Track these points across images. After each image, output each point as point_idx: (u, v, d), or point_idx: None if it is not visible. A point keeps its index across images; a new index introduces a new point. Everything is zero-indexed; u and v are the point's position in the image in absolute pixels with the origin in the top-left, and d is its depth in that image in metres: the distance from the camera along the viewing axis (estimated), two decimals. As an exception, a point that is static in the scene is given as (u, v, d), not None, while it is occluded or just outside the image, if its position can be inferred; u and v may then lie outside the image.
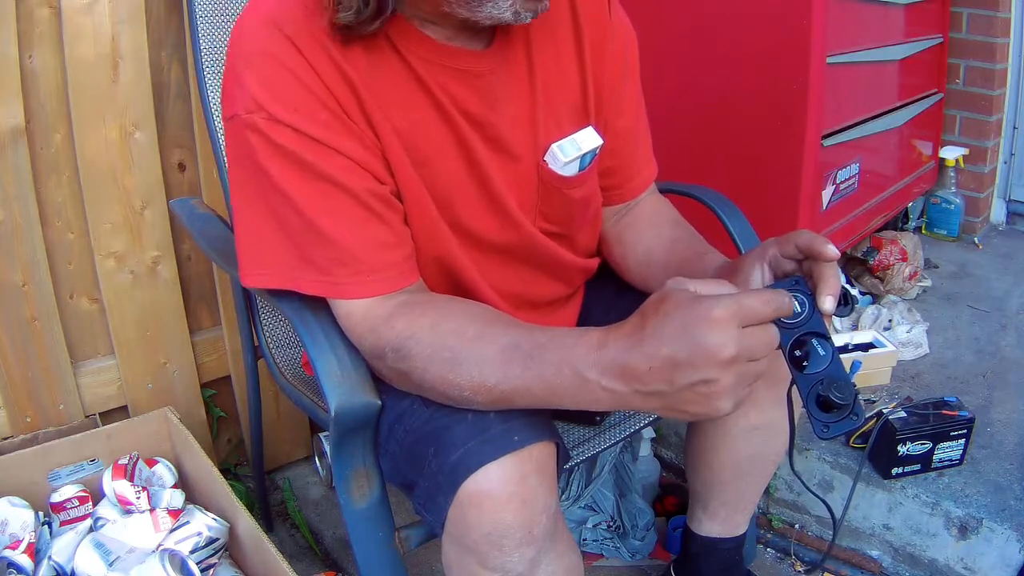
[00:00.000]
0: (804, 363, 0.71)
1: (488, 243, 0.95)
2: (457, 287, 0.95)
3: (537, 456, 0.77)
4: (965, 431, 1.38)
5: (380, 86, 0.83)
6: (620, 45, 1.00)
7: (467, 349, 0.77)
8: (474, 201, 0.92)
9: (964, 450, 1.40)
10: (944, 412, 1.38)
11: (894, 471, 1.38)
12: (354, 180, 0.81)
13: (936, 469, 1.40)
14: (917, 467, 1.39)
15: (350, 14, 0.76)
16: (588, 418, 1.10)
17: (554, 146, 0.94)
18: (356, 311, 0.83)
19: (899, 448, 1.36)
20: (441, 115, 0.87)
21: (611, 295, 1.14)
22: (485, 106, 0.89)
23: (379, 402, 0.86)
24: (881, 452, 1.40)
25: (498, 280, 0.98)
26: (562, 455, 0.83)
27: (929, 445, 1.37)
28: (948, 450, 1.38)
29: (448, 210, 0.91)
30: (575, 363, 0.70)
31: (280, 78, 0.78)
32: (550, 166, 0.95)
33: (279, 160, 0.79)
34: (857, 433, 1.46)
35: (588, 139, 0.96)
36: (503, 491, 0.74)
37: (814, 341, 0.71)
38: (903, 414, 1.40)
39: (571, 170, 0.96)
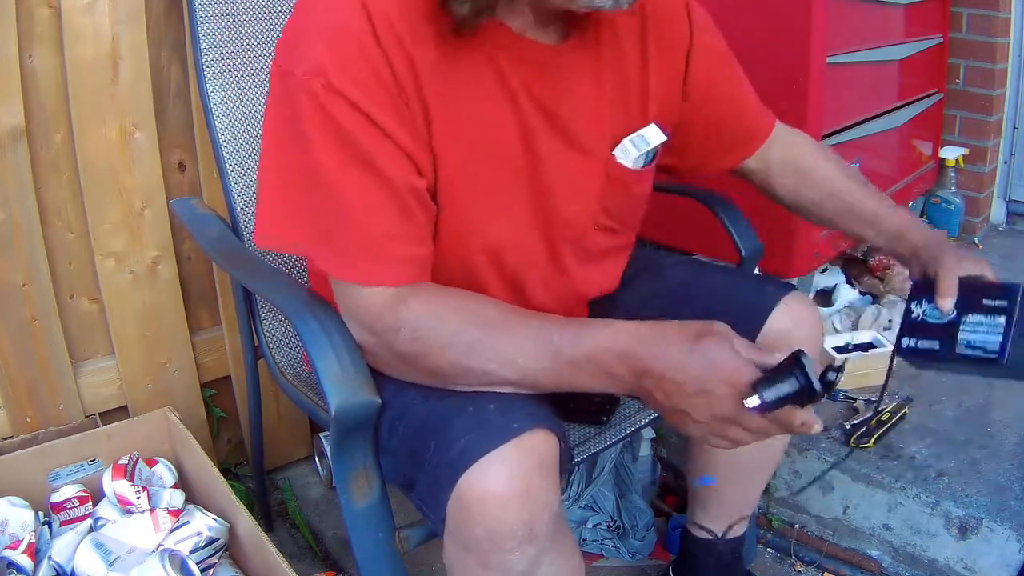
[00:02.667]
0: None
1: (525, 243, 0.94)
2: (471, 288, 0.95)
3: (540, 450, 0.77)
4: (1006, 303, 0.92)
5: (451, 75, 0.82)
6: (708, 43, 1.03)
7: (497, 329, 0.80)
8: (525, 197, 0.91)
9: (1006, 338, 0.91)
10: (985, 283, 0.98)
11: (904, 342, 0.99)
12: (395, 169, 0.80)
13: (964, 359, 0.94)
14: (936, 345, 0.96)
15: (464, 6, 0.76)
16: (594, 418, 1.10)
17: (626, 140, 0.95)
18: (372, 294, 0.82)
19: (912, 308, 0.99)
20: (511, 104, 0.86)
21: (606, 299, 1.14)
22: (560, 99, 0.89)
23: (379, 401, 0.86)
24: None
25: (519, 286, 0.97)
26: (565, 455, 0.83)
27: (953, 315, 0.96)
28: (981, 330, 0.93)
29: (492, 208, 0.90)
30: (604, 359, 0.78)
31: (350, 49, 0.77)
32: (619, 160, 0.96)
33: (325, 131, 0.78)
34: (860, 433, 1.46)
35: (654, 135, 0.98)
36: (505, 487, 0.74)
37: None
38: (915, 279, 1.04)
39: (638, 164, 0.98)
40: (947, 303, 0.95)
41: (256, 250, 1.24)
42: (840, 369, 0.73)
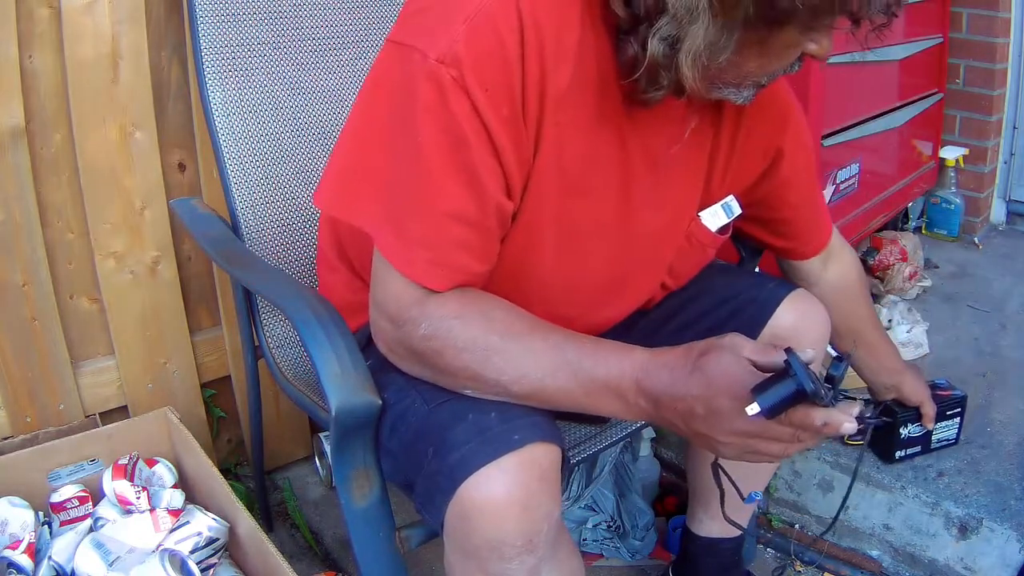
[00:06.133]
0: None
1: (587, 287, 0.93)
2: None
3: (540, 461, 0.76)
4: (959, 409, 1.42)
5: (571, 103, 0.79)
6: (795, 153, 1.03)
7: (516, 340, 0.78)
8: (607, 242, 0.91)
9: (959, 429, 1.45)
10: (939, 393, 1.41)
11: (897, 454, 1.42)
12: (490, 184, 0.77)
13: (935, 450, 1.45)
14: (918, 448, 1.43)
15: (659, 93, 0.76)
16: (594, 417, 1.09)
17: (718, 206, 0.99)
18: (407, 284, 0.79)
19: (901, 432, 1.39)
20: (620, 145, 0.85)
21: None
22: (665, 146, 0.88)
23: (379, 402, 0.86)
24: (882, 438, 1.42)
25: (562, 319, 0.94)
26: (565, 462, 0.82)
27: (928, 426, 1.40)
28: (945, 430, 1.43)
29: (568, 247, 0.88)
30: (620, 382, 0.77)
31: (490, 47, 0.72)
32: (704, 222, 0.98)
33: (439, 124, 0.74)
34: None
35: (735, 206, 1.02)
36: (504, 498, 0.73)
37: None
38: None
39: (720, 231, 1.01)
40: (933, 424, 1.37)
41: (256, 249, 1.24)
42: (843, 359, 0.71)
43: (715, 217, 0.99)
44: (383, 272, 0.82)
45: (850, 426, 0.68)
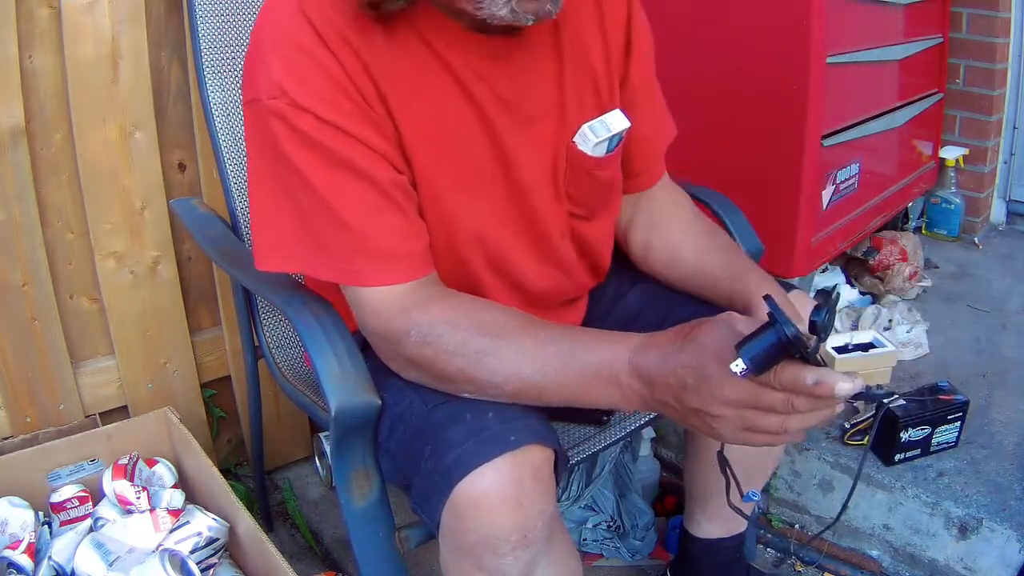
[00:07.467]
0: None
1: (506, 232, 0.94)
2: (466, 281, 0.95)
3: (533, 459, 0.77)
4: (961, 414, 1.43)
5: (402, 74, 0.83)
6: (644, 46, 1.01)
7: (505, 339, 0.79)
8: (498, 188, 0.92)
9: (959, 432, 1.45)
10: (940, 397, 1.41)
11: (896, 457, 1.42)
12: (375, 168, 0.81)
13: (934, 452, 1.44)
14: (917, 452, 1.43)
15: None
16: (595, 418, 1.09)
17: (585, 127, 0.95)
18: (383, 296, 0.82)
19: (901, 435, 1.39)
20: (467, 99, 0.87)
21: (611, 298, 1.14)
22: (513, 87, 0.89)
23: (379, 402, 0.86)
24: (883, 441, 1.43)
25: (509, 274, 0.97)
26: (561, 461, 0.83)
27: (928, 430, 1.41)
28: (945, 433, 1.43)
29: (468, 200, 0.90)
30: (613, 365, 0.76)
31: (305, 65, 0.79)
32: (579, 147, 0.95)
33: (300, 147, 0.79)
34: (855, 429, 1.47)
35: (617, 121, 0.97)
36: (498, 494, 0.74)
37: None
38: (902, 402, 1.43)
39: (600, 151, 0.96)
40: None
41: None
42: (824, 307, 0.66)
43: (585, 139, 0.95)
44: (351, 296, 0.85)
45: (845, 385, 0.63)
